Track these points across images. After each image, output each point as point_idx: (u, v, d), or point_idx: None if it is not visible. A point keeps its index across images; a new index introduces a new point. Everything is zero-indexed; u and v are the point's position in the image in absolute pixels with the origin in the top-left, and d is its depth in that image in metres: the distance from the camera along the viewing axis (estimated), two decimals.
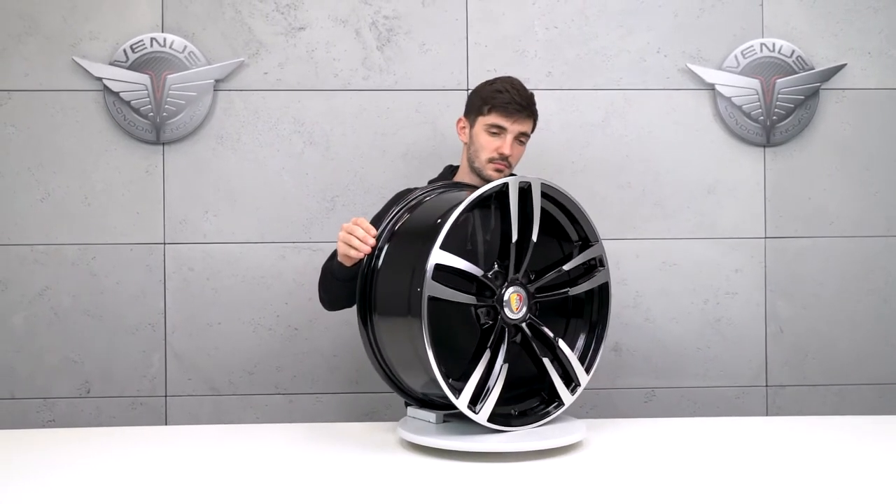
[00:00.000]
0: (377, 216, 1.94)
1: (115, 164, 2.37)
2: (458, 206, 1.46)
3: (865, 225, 2.47)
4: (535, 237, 1.50)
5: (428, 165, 2.34)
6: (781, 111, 2.43)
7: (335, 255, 1.78)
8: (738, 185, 2.46)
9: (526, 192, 1.54)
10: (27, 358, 2.36)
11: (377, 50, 2.41)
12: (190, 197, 2.38)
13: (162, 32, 2.37)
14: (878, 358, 2.48)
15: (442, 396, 1.47)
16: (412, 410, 1.67)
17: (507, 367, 1.49)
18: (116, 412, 2.37)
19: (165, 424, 2.37)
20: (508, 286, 1.50)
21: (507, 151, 1.86)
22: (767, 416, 2.45)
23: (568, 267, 1.56)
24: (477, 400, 1.48)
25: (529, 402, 1.57)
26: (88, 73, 2.35)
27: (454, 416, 1.58)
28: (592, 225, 1.64)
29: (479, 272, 1.48)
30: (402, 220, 1.66)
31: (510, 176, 2.03)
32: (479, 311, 1.54)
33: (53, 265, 2.36)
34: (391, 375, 1.65)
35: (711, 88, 2.44)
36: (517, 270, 1.52)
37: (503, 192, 1.53)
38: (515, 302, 1.49)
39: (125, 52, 2.35)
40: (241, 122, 2.39)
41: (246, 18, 2.39)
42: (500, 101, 1.86)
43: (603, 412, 2.43)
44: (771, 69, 2.43)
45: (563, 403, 1.56)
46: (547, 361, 1.51)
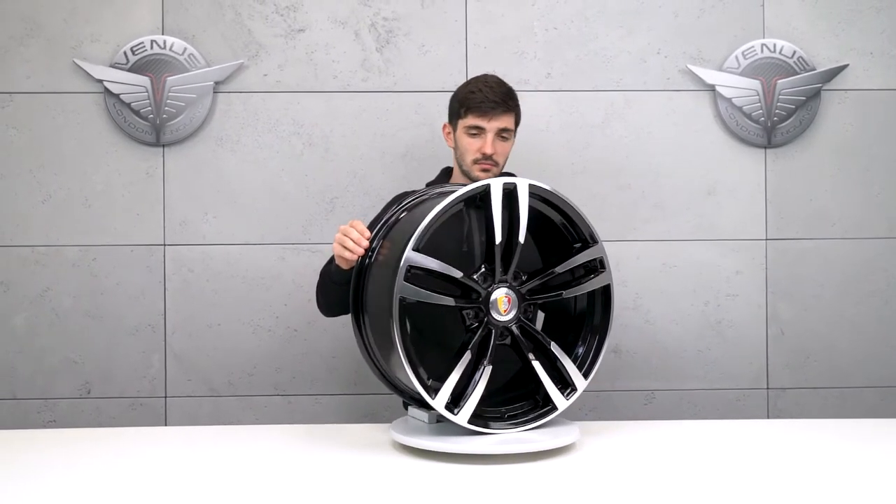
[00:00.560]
0: (375, 219, 1.95)
1: (115, 165, 2.38)
2: (434, 207, 1.46)
3: (867, 226, 2.46)
4: (521, 239, 1.50)
5: (427, 167, 2.34)
6: (782, 112, 2.42)
7: (333, 259, 1.80)
8: (738, 186, 2.45)
9: (515, 193, 1.53)
10: (28, 358, 2.37)
11: (376, 51, 2.41)
12: (190, 198, 2.39)
13: (162, 35, 2.38)
14: (879, 360, 2.46)
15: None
16: (412, 410, 1.67)
17: (490, 368, 1.48)
18: (116, 413, 2.38)
19: (165, 425, 2.38)
20: (496, 288, 1.50)
21: (488, 150, 1.86)
22: (768, 418, 2.44)
23: (560, 269, 1.54)
24: (459, 401, 1.48)
25: (523, 404, 1.56)
26: (89, 75, 2.36)
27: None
28: (590, 225, 1.60)
29: (457, 273, 1.48)
30: (397, 221, 1.67)
31: (505, 175, 2.04)
32: (464, 312, 1.54)
33: (54, 266, 2.37)
34: (385, 375, 1.65)
35: (712, 89, 2.43)
36: (505, 272, 1.51)
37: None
38: (503, 304, 1.49)
39: (125, 54, 2.36)
40: (240, 123, 2.40)
41: (245, 20, 2.40)
42: (474, 101, 1.87)
43: (602, 414, 2.43)
44: (772, 70, 2.42)
45: (556, 408, 1.54)
46: (537, 364, 1.50)
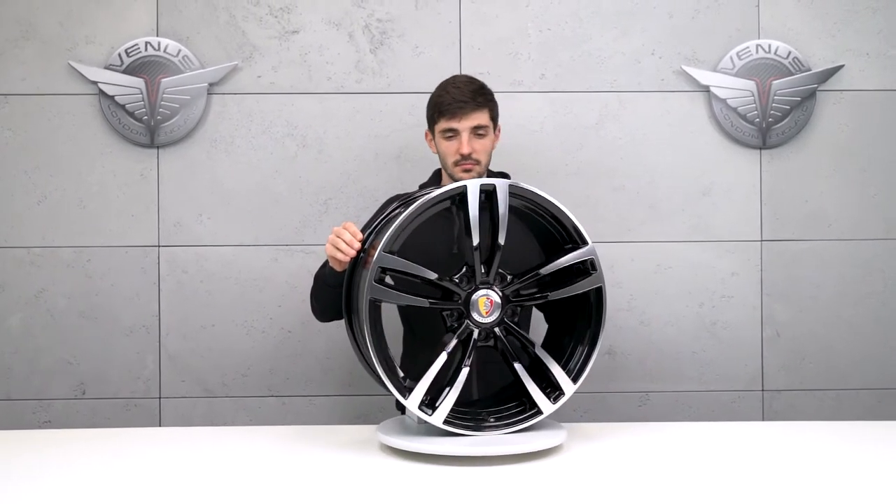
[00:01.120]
0: (369, 221, 1.95)
1: (110, 167, 2.39)
2: (409, 209, 1.46)
3: (863, 228, 2.44)
4: (501, 240, 1.49)
5: (421, 168, 2.33)
6: (777, 113, 2.41)
7: (327, 262, 1.81)
8: (733, 187, 2.44)
9: (496, 194, 1.52)
10: (23, 359, 2.38)
11: (370, 53, 2.41)
12: (184, 200, 2.40)
13: (156, 36, 2.38)
14: (876, 362, 2.44)
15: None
16: (408, 410, 1.67)
17: (467, 370, 1.48)
18: (111, 413, 2.39)
19: (159, 426, 2.38)
20: (478, 290, 1.50)
21: (465, 150, 1.85)
22: (763, 420, 2.43)
23: (545, 271, 1.53)
24: (434, 402, 1.48)
25: (510, 407, 1.55)
26: (84, 76, 2.37)
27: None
28: (579, 227, 1.58)
29: (431, 275, 1.49)
30: (389, 221, 1.67)
31: (499, 176, 2.04)
32: (444, 313, 1.53)
33: (49, 267, 2.38)
34: (376, 373, 1.66)
35: (706, 90, 2.42)
36: (486, 274, 1.51)
37: (486, 192, 1.52)
38: (484, 305, 1.49)
39: (120, 56, 2.37)
40: (234, 125, 2.40)
41: (240, 22, 2.40)
42: (443, 105, 1.88)
43: (596, 416, 2.42)
44: (767, 71, 2.41)
45: (541, 412, 1.53)
46: (519, 367, 1.50)
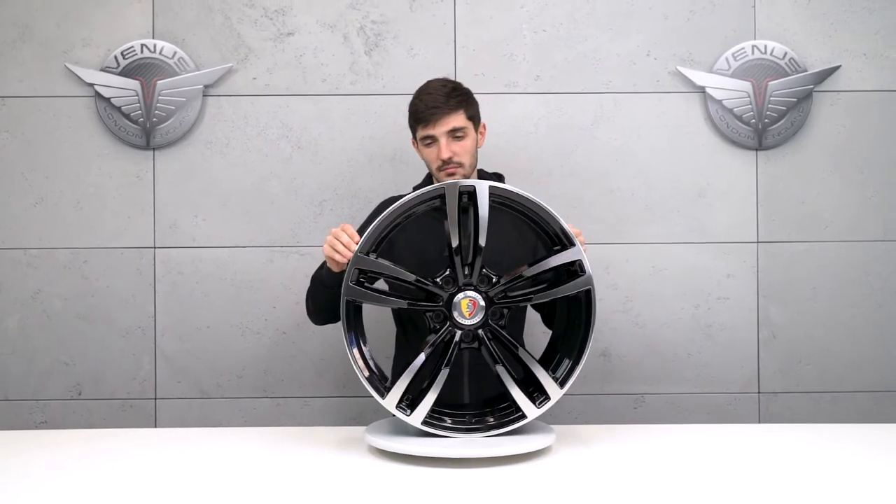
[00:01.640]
0: (365, 223, 1.96)
1: (106, 169, 2.40)
2: (385, 211, 1.47)
3: (861, 229, 2.43)
4: (482, 241, 1.49)
5: (415, 169, 2.34)
6: (774, 114, 2.40)
7: (324, 264, 1.81)
8: (729, 188, 2.43)
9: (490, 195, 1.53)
10: (20, 360, 2.40)
11: (365, 55, 2.42)
12: (179, 201, 2.41)
13: (152, 39, 2.39)
14: (873, 364, 2.43)
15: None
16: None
17: (447, 371, 1.49)
18: (107, 414, 2.40)
19: (155, 427, 2.39)
20: (462, 291, 1.50)
21: (444, 156, 1.85)
22: (760, 423, 2.42)
23: (528, 273, 1.52)
24: (414, 403, 1.49)
25: (496, 409, 1.55)
26: (80, 79, 2.38)
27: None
28: (565, 227, 1.56)
29: (410, 277, 1.49)
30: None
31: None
32: (427, 315, 1.54)
33: (46, 269, 2.39)
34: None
35: (702, 91, 2.41)
36: (467, 275, 1.51)
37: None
38: (467, 307, 1.48)
39: (116, 58, 2.38)
40: (229, 127, 2.41)
41: (235, 24, 2.41)
42: (418, 112, 1.88)
43: (591, 418, 2.41)
44: (763, 71, 2.40)
45: (525, 416, 1.52)
46: (501, 370, 1.49)
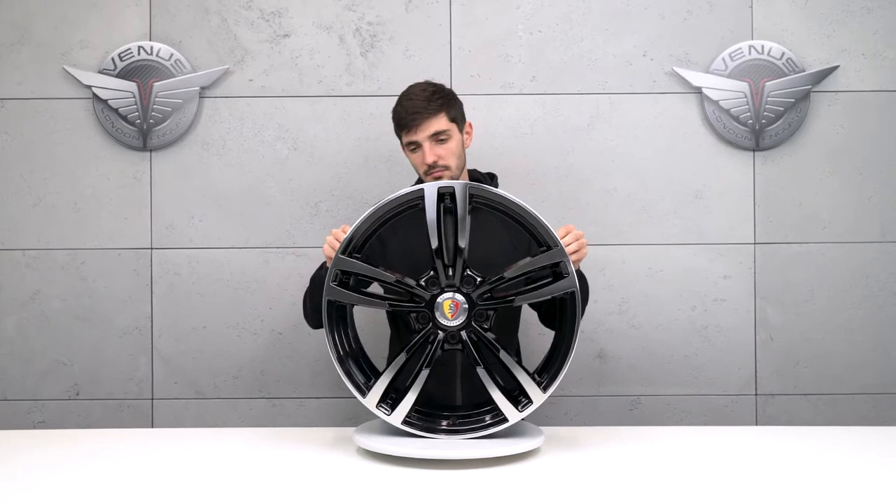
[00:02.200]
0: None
1: (103, 170, 2.42)
2: (365, 213, 1.50)
3: (859, 231, 2.41)
4: (462, 243, 1.49)
5: (411, 171, 2.32)
6: (771, 114, 2.39)
7: (324, 265, 1.82)
8: (726, 190, 2.41)
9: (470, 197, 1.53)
10: (18, 360, 2.41)
11: (361, 56, 2.42)
12: (176, 203, 2.42)
13: (149, 41, 2.40)
14: (872, 366, 2.41)
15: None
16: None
17: (427, 371, 1.50)
18: (104, 414, 2.41)
19: (152, 427, 2.40)
20: (445, 292, 1.50)
21: (428, 160, 1.84)
22: (757, 425, 2.40)
23: (509, 274, 1.51)
24: (396, 402, 1.51)
25: (480, 412, 1.55)
26: (78, 81, 2.40)
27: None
28: (549, 229, 1.54)
29: (390, 278, 1.50)
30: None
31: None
32: (412, 315, 1.55)
33: (44, 269, 2.41)
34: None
35: (699, 92, 2.40)
36: (448, 277, 1.51)
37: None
38: (449, 308, 1.48)
39: (113, 60, 2.39)
40: (226, 128, 2.42)
41: (231, 26, 2.42)
42: (400, 119, 1.88)
43: (587, 420, 2.41)
44: (760, 72, 2.38)
45: (506, 419, 1.51)
46: (482, 371, 1.49)
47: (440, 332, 1.50)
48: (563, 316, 1.53)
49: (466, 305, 1.49)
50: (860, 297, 2.41)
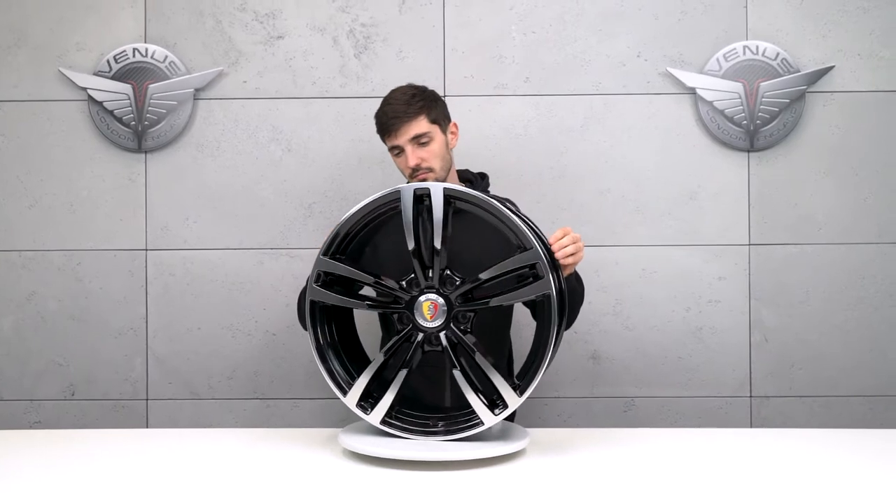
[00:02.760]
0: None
1: (99, 171, 2.43)
2: (345, 214, 1.53)
3: (855, 232, 2.40)
4: (437, 244, 1.49)
5: None
6: (765, 115, 2.37)
7: None
8: (721, 191, 2.40)
9: (447, 198, 1.52)
10: (15, 361, 2.43)
11: (354, 57, 2.42)
12: (171, 204, 2.43)
13: (144, 43, 2.41)
14: (868, 369, 2.40)
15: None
16: None
17: (404, 372, 1.51)
18: (99, 414, 2.43)
19: (147, 427, 2.42)
20: (425, 293, 1.50)
21: (411, 164, 1.84)
22: (752, 427, 2.39)
23: (485, 275, 1.50)
24: (376, 402, 1.53)
25: (460, 413, 1.55)
26: (74, 83, 2.41)
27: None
28: (523, 230, 1.50)
29: (369, 279, 1.51)
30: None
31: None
32: (395, 316, 1.56)
33: (40, 270, 2.43)
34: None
35: (693, 92, 2.39)
36: (427, 278, 1.51)
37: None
38: (428, 310, 1.49)
39: (109, 62, 2.41)
40: (220, 130, 2.42)
41: (226, 28, 2.42)
42: (381, 125, 1.88)
43: (580, 421, 2.41)
44: (755, 72, 2.37)
45: (482, 422, 1.50)
46: (457, 374, 1.49)
47: (420, 333, 1.51)
48: (541, 319, 1.51)
49: (445, 307, 1.49)
50: (856, 298, 2.40)
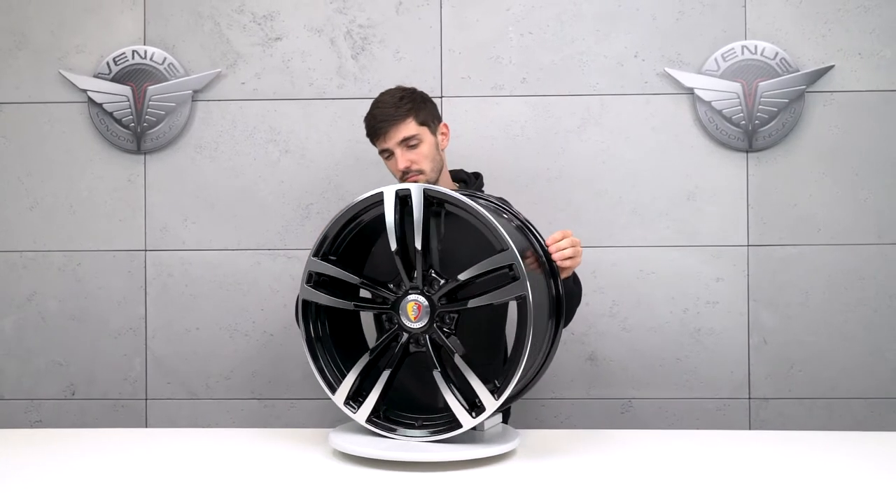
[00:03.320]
0: None
1: (98, 173, 2.45)
2: (334, 216, 1.54)
3: (855, 232, 2.38)
4: (418, 244, 1.49)
5: None
6: (764, 115, 2.36)
7: None
8: (719, 191, 2.39)
9: (431, 200, 1.53)
10: (15, 360, 2.45)
11: (352, 59, 2.43)
12: (170, 205, 2.44)
13: (143, 45, 2.43)
14: (867, 370, 2.38)
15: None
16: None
17: (388, 372, 1.52)
18: (99, 414, 2.44)
19: (146, 427, 2.43)
20: (410, 294, 1.51)
21: (401, 166, 1.84)
22: (750, 429, 2.38)
23: (463, 276, 1.49)
24: (361, 401, 1.55)
25: (443, 415, 1.55)
26: (74, 85, 2.43)
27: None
28: (500, 231, 1.47)
29: (354, 280, 1.52)
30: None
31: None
32: (383, 317, 1.58)
33: (41, 271, 2.45)
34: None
35: (690, 93, 2.38)
36: (411, 278, 1.51)
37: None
38: (412, 310, 1.49)
39: (108, 64, 2.42)
40: (218, 131, 2.44)
41: (224, 30, 2.43)
42: (370, 129, 1.89)
43: (578, 423, 2.40)
44: (753, 72, 2.36)
45: (461, 424, 1.49)
46: (437, 375, 1.49)
47: (404, 333, 1.52)
48: (519, 320, 1.51)
49: (429, 308, 1.49)
50: (855, 299, 2.38)
